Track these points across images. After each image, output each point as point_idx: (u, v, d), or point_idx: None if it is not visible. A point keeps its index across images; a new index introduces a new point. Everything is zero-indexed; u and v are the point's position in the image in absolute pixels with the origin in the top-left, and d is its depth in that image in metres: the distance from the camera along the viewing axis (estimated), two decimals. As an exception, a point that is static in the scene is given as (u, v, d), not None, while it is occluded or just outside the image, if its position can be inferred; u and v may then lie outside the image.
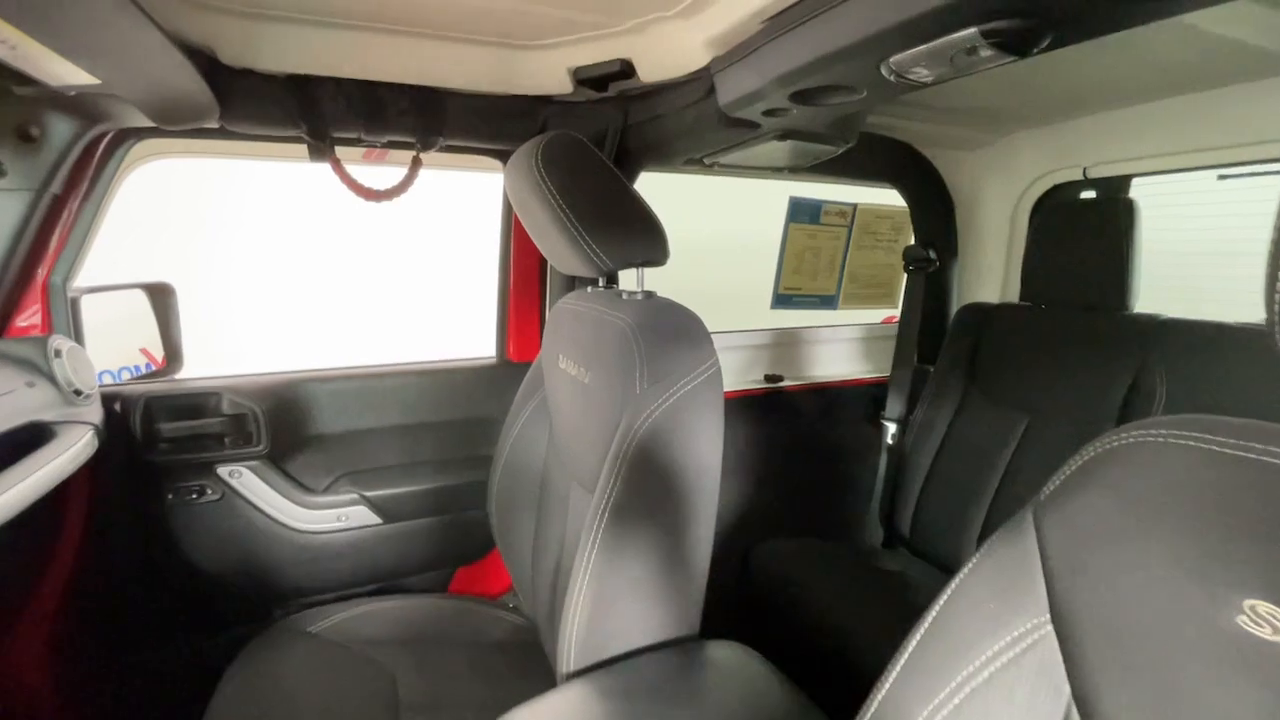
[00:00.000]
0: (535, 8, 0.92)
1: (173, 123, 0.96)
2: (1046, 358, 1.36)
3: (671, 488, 0.80)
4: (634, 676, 0.75)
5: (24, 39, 0.66)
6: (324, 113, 1.04)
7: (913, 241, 1.79)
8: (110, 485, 1.10)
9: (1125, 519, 0.41)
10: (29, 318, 1.06)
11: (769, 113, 0.98)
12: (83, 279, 1.14)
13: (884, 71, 0.74)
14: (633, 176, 1.29)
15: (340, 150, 1.14)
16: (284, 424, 1.21)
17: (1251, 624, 0.33)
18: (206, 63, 0.93)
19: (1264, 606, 0.34)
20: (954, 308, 1.73)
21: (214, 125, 1.01)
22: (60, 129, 0.94)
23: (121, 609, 1.14)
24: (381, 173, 1.18)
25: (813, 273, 1.76)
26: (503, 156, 1.25)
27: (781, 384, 1.72)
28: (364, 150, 1.24)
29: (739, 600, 1.45)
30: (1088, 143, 1.48)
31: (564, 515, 1.05)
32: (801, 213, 1.70)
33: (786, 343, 1.78)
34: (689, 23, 0.93)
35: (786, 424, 1.71)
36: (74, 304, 1.09)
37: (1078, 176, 1.53)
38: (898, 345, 1.70)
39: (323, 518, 1.23)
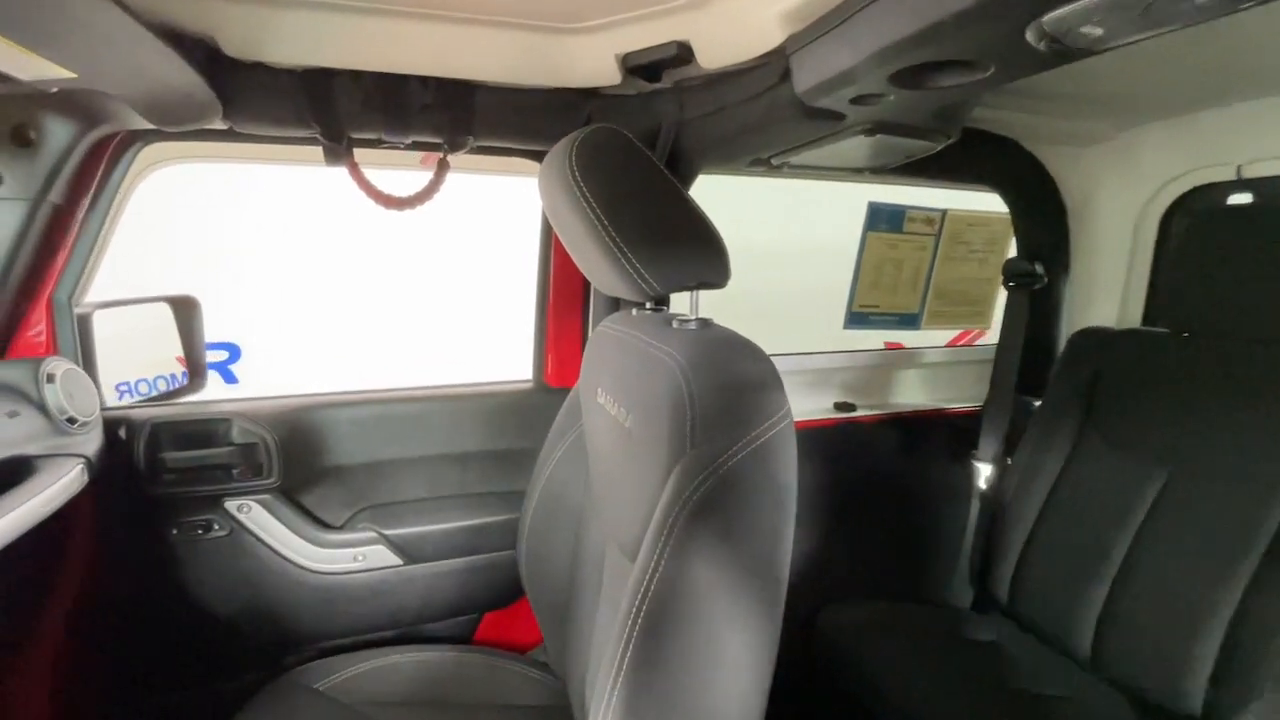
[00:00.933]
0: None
1: (172, 123, 0.86)
2: (1194, 400, 1.11)
3: (730, 571, 0.63)
4: None
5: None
6: (339, 110, 0.92)
7: (1013, 253, 1.55)
8: (114, 519, 1.01)
9: None
10: (36, 336, 0.99)
11: (859, 100, 0.79)
12: (95, 293, 1.07)
13: (1030, 37, 0.55)
14: (688, 180, 1.12)
15: (379, 155, 1.04)
16: (298, 453, 1.10)
17: None
18: (206, 54, 0.82)
19: None
20: (1063, 331, 1.48)
21: (221, 126, 0.91)
22: (57, 132, 0.86)
23: (125, 653, 1.06)
24: (408, 179, 1.06)
25: (892, 288, 1.55)
26: (541, 158, 1.11)
27: (854, 414, 1.51)
28: (422, 155, 1.13)
29: (804, 672, 1.26)
30: (1243, 135, 1.21)
31: (599, 576, 0.90)
32: (881, 220, 1.49)
33: (859, 365, 1.57)
34: (762, -6, 0.76)
35: (859, 460, 1.50)
36: (83, 321, 1.02)
37: (1229, 176, 1.27)
38: (994, 373, 1.46)
39: (339, 557, 1.12)
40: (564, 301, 1.26)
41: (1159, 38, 0.56)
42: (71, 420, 0.88)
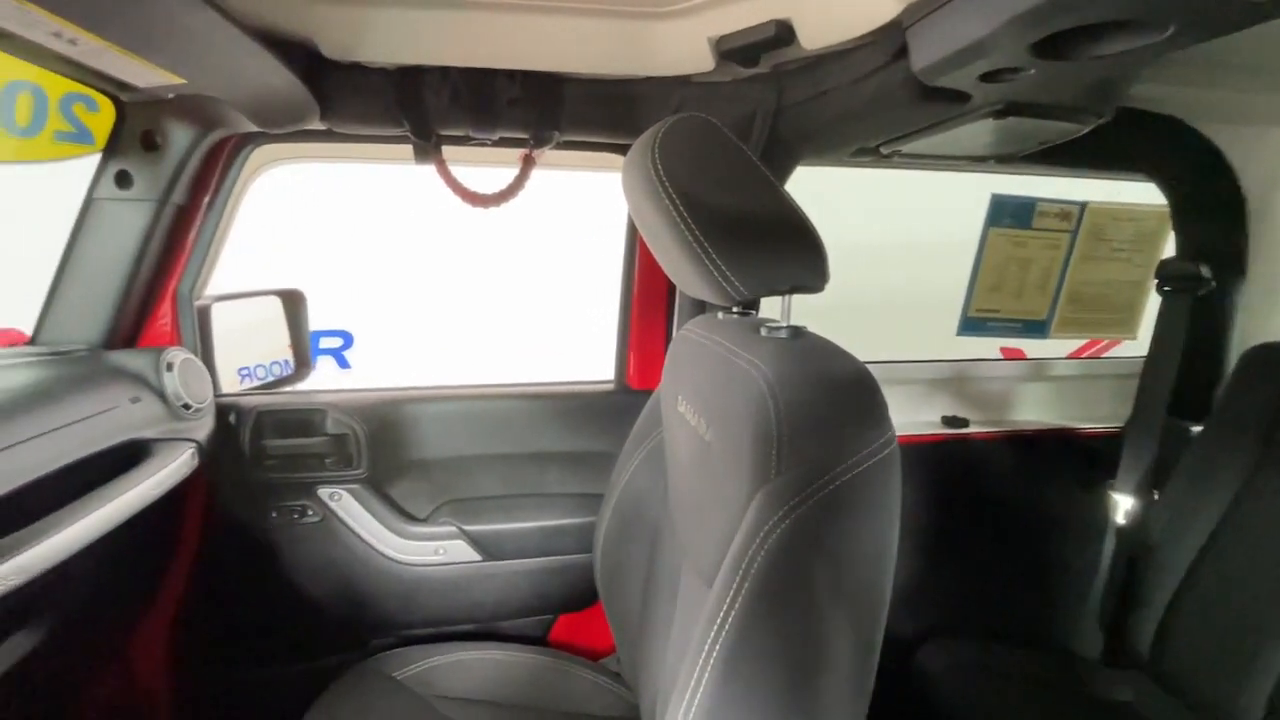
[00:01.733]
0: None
1: (275, 125, 0.89)
2: None
3: (815, 612, 0.56)
4: None
5: (81, 33, 0.58)
6: (427, 107, 0.92)
7: (1169, 252, 1.33)
8: (222, 499, 1.08)
9: None
10: (163, 327, 1.07)
11: (990, 76, 0.68)
12: (216, 284, 1.15)
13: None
14: (785, 172, 1.04)
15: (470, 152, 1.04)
16: (385, 446, 1.13)
17: None
18: (307, 57, 0.84)
19: None
20: (1234, 345, 1.25)
21: (320, 127, 0.94)
22: (179, 136, 0.91)
23: (226, 627, 1.14)
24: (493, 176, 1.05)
25: (1017, 290, 1.37)
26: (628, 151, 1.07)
27: (965, 429, 1.36)
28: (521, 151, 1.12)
29: (895, 714, 1.14)
30: None
31: (674, 596, 0.84)
32: (1006, 214, 1.32)
33: (973, 376, 1.41)
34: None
35: (970, 481, 1.35)
36: (202, 313, 1.09)
37: None
38: (1141, 390, 1.26)
39: (421, 549, 1.14)
40: (648, 300, 1.21)
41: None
42: (186, 406, 0.94)
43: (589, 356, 1.44)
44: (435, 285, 3.08)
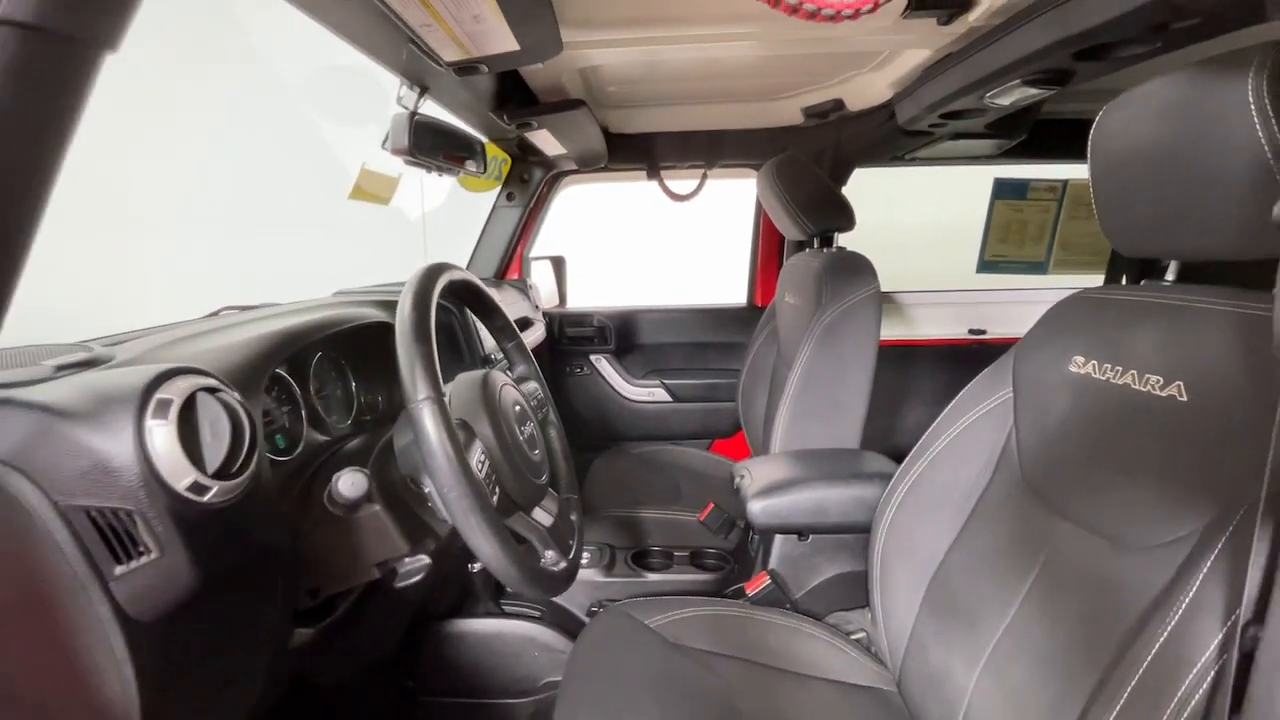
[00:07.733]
0: (782, 80, 1.56)
1: (584, 166, 1.84)
2: None
3: (836, 368, 1.36)
4: (805, 453, 1.36)
5: (555, 143, 1.54)
6: (656, 153, 1.83)
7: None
8: (544, 358, 2.07)
9: None
10: (511, 273, 2.07)
11: (934, 125, 1.46)
12: (535, 251, 2.14)
13: (986, 101, 1.21)
14: (847, 172, 1.84)
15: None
16: (622, 334, 2.07)
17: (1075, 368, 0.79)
18: (605, 132, 1.77)
19: (1080, 359, 0.78)
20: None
21: (602, 166, 1.88)
22: (536, 174, 1.90)
23: None
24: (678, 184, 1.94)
25: (1019, 242, 2.05)
26: (757, 168, 1.91)
27: (984, 336, 2.06)
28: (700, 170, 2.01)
29: None
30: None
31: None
32: (1007, 191, 2.01)
33: (990, 302, 2.10)
34: (879, 74, 1.47)
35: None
36: (531, 265, 2.08)
37: None
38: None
39: (639, 392, 2.06)
40: (769, 250, 2.05)
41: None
42: (536, 307, 1.92)
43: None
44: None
